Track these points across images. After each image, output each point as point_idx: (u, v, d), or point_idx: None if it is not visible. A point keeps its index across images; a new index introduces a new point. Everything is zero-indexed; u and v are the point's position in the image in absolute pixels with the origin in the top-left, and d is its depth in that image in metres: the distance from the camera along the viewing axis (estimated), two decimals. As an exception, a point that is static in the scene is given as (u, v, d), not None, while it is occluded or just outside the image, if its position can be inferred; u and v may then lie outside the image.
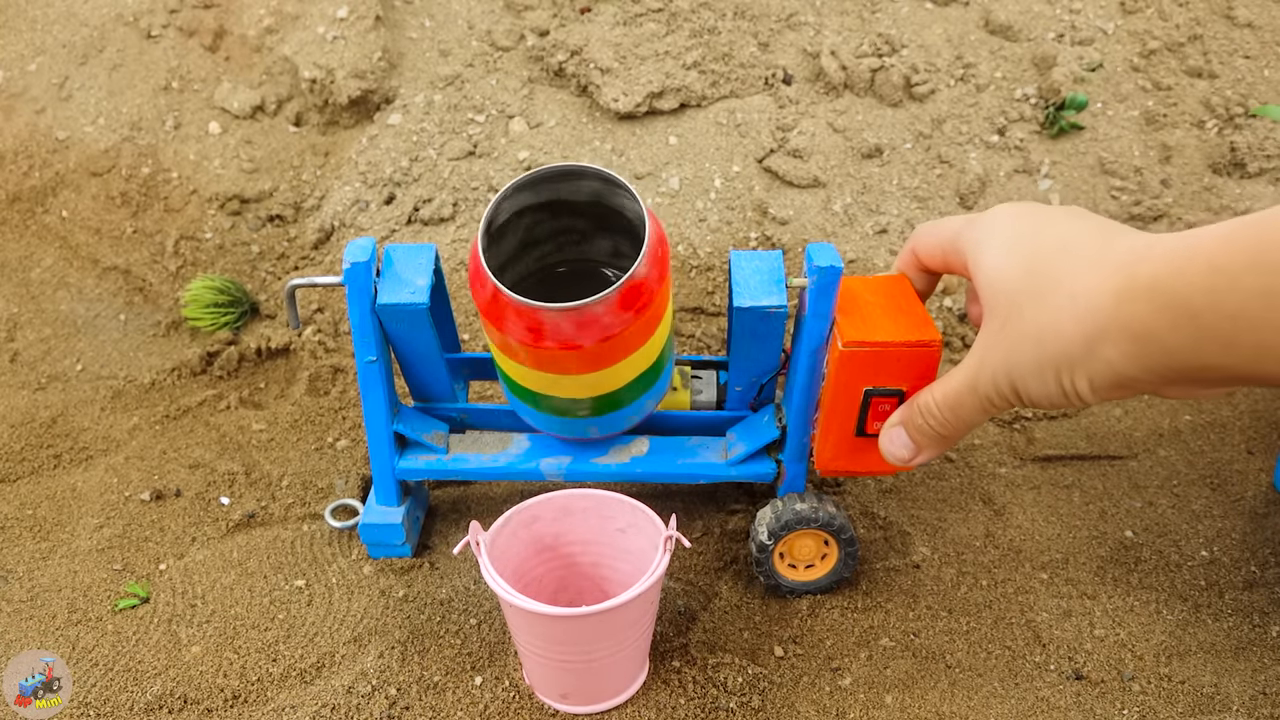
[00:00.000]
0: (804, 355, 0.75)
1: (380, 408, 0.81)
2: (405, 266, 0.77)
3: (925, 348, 0.70)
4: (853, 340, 0.70)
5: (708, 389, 0.86)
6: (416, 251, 0.78)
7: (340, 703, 0.78)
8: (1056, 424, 1.04)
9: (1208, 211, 1.15)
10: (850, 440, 0.76)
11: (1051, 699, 0.78)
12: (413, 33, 1.31)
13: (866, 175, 1.19)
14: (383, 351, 0.78)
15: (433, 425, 0.86)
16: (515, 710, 0.78)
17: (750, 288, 0.74)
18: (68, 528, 0.94)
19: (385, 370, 0.80)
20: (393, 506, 0.87)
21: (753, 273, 0.75)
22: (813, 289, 0.72)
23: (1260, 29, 1.22)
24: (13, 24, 1.35)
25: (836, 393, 0.73)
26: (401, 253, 0.78)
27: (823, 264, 0.71)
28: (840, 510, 0.82)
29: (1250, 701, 0.78)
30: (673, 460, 0.85)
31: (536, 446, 0.87)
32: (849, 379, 0.72)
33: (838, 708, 0.78)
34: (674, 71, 1.22)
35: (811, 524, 0.81)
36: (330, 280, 0.70)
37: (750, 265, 0.76)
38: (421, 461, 0.85)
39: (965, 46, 1.24)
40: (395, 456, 0.85)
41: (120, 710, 0.78)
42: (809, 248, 0.74)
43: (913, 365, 0.71)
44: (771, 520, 0.82)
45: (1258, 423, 1.04)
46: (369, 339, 0.76)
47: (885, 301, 0.74)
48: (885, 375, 0.72)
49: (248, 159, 1.28)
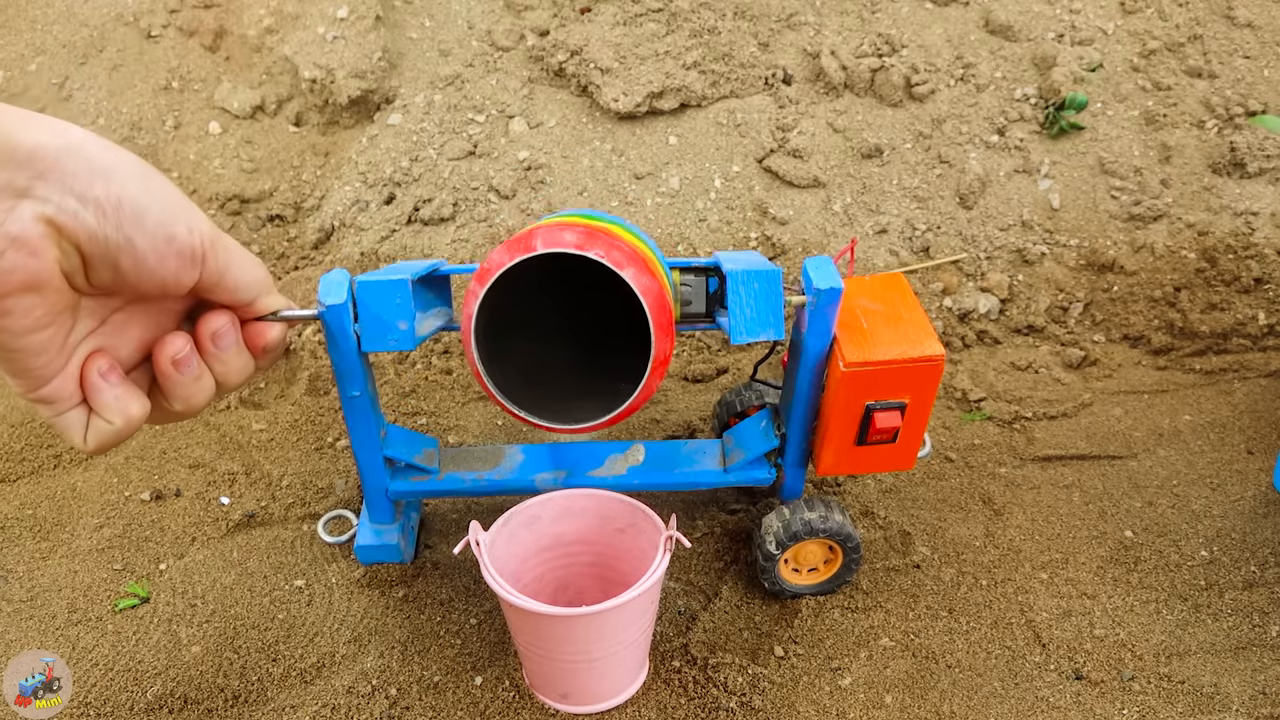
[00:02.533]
0: (803, 371, 0.74)
1: (368, 436, 0.78)
2: (383, 307, 0.71)
3: (929, 363, 0.69)
4: (855, 361, 0.69)
5: (697, 299, 0.80)
6: (390, 290, 0.70)
7: (340, 703, 0.78)
8: (1056, 424, 1.04)
9: (1208, 211, 1.15)
10: (851, 449, 0.75)
11: (1051, 699, 0.78)
12: (413, 33, 1.31)
13: (866, 175, 1.19)
14: (366, 384, 0.75)
15: (421, 444, 0.83)
16: (515, 710, 0.78)
17: (746, 319, 0.70)
18: (68, 528, 0.94)
19: (370, 400, 0.76)
20: (387, 524, 0.86)
21: (748, 299, 0.70)
22: (811, 310, 0.70)
23: (1260, 29, 1.22)
24: (13, 24, 1.35)
25: (838, 407, 0.72)
26: (374, 291, 0.70)
27: (822, 286, 0.68)
28: (847, 517, 0.82)
29: (1250, 701, 0.78)
30: (670, 471, 0.83)
31: (530, 461, 0.85)
32: (851, 396, 0.71)
33: (838, 708, 0.78)
34: (674, 71, 1.22)
35: (820, 534, 0.81)
36: (305, 314, 0.66)
37: (747, 290, 0.70)
38: (414, 482, 0.83)
39: (965, 46, 1.24)
40: (387, 479, 0.83)
41: (120, 710, 0.78)
42: (806, 265, 0.71)
43: (916, 379, 0.70)
44: (779, 530, 0.81)
45: (1258, 423, 1.04)
46: (352, 375, 0.73)
47: (886, 309, 0.73)
48: (887, 390, 0.71)
49: (248, 159, 1.28)
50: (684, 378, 1.09)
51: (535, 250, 0.64)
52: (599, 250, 0.64)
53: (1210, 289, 1.13)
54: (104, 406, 0.50)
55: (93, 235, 0.46)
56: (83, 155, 0.45)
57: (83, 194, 0.45)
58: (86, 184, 0.45)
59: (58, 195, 0.44)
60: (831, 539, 0.81)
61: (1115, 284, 1.14)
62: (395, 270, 0.74)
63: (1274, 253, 1.12)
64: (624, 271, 0.63)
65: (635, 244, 0.70)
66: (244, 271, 0.53)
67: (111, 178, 0.46)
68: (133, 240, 0.47)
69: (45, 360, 0.47)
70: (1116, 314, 1.13)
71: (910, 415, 0.73)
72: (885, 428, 0.72)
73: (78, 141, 0.45)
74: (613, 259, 0.64)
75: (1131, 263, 1.14)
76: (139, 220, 0.47)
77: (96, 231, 0.46)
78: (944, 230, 1.16)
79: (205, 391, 0.53)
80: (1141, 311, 1.13)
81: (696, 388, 1.08)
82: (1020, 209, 1.16)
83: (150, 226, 0.47)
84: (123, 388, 0.50)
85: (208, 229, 0.50)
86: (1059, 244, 1.15)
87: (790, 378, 0.77)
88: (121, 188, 0.46)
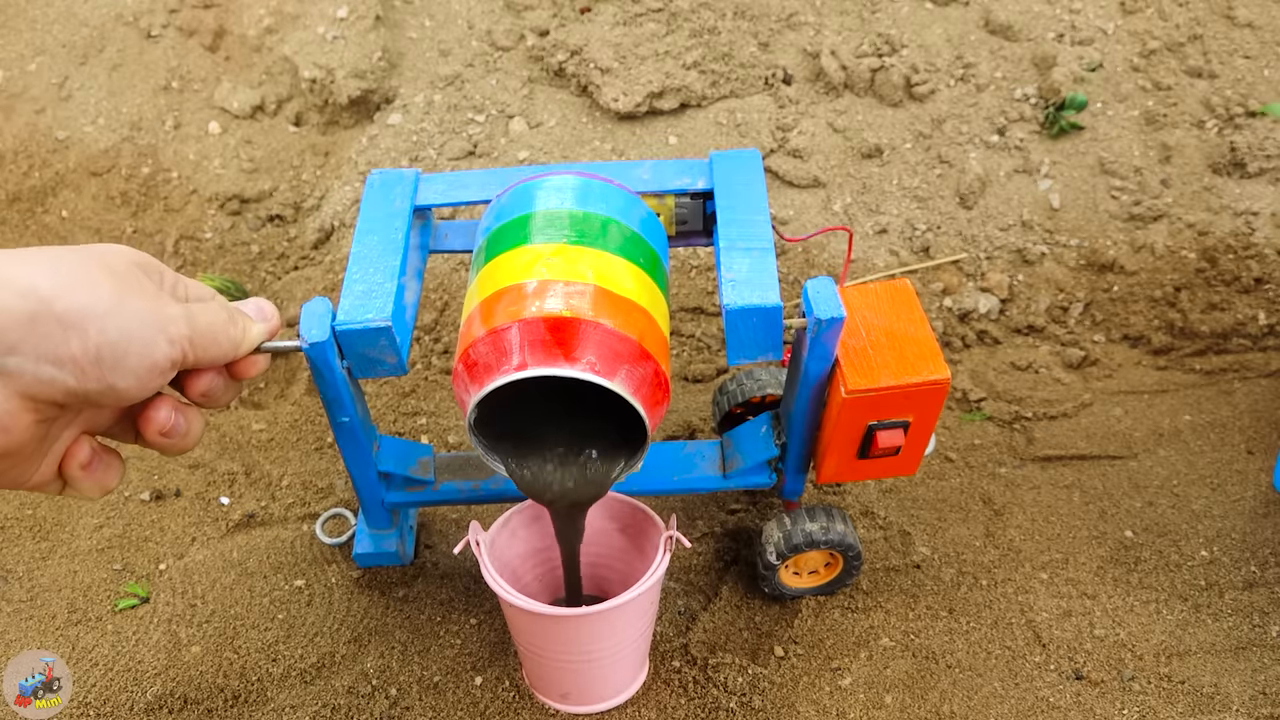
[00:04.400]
0: (803, 390, 0.71)
1: (361, 455, 0.76)
2: (368, 346, 0.67)
3: (934, 386, 0.67)
4: (858, 389, 0.67)
5: (693, 219, 0.78)
6: (373, 334, 0.66)
7: (340, 703, 0.78)
8: (1056, 424, 1.04)
9: (1208, 211, 1.15)
10: (852, 461, 0.74)
11: (1051, 699, 0.78)
12: (413, 33, 1.31)
13: (866, 175, 1.19)
14: (355, 409, 0.72)
15: (416, 454, 0.81)
16: (515, 710, 0.78)
17: (744, 344, 0.67)
18: (68, 528, 0.94)
19: (360, 422, 0.73)
20: (385, 529, 0.85)
21: (747, 333, 0.67)
22: (813, 337, 0.67)
23: (1260, 29, 1.22)
24: (13, 24, 1.35)
25: (840, 427, 0.71)
26: (356, 337, 0.66)
27: (824, 316, 0.65)
28: (849, 526, 0.81)
29: (1250, 701, 0.78)
30: (669, 476, 0.82)
31: None
32: (853, 419, 0.70)
33: (838, 708, 0.78)
34: (674, 71, 1.22)
35: (822, 546, 0.80)
36: (289, 345, 0.64)
37: (745, 325, 0.66)
38: (410, 493, 0.82)
39: (965, 46, 1.24)
40: (383, 491, 0.81)
41: (120, 710, 0.78)
42: (807, 289, 0.66)
43: (920, 401, 0.69)
44: (780, 541, 0.80)
45: (1258, 423, 1.04)
46: (339, 403, 0.70)
47: (889, 325, 0.70)
48: (891, 411, 0.69)
49: (248, 159, 1.28)
50: (684, 378, 1.09)
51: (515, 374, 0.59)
52: (589, 358, 0.59)
53: (1210, 289, 1.13)
54: (84, 490, 0.50)
55: (71, 392, 0.44)
56: (54, 314, 0.43)
57: (58, 357, 0.43)
58: (61, 344, 0.43)
59: (32, 365, 0.42)
60: (833, 550, 0.81)
61: (1115, 284, 1.14)
62: (373, 287, 0.68)
63: (1274, 253, 1.12)
64: (613, 381, 0.59)
65: (626, 297, 0.63)
66: (225, 339, 0.53)
67: (87, 328, 0.44)
68: (115, 385, 0.46)
69: (22, 471, 0.47)
70: (1116, 314, 1.13)
71: (914, 431, 0.71)
72: (888, 445, 0.71)
73: (47, 297, 0.42)
74: (603, 356, 0.59)
75: (1131, 263, 1.14)
76: (119, 364, 0.45)
77: (76, 388, 0.44)
78: (944, 230, 1.16)
79: (195, 435, 0.54)
80: (1141, 311, 1.13)
81: (696, 388, 1.08)
82: (1020, 209, 1.16)
83: (132, 364, 0.46)
84: (100, 471, 0.50)
85: (184, 326, 0.49)
86: (1059, 244, 1.15)
87: (790, 391, 0.75)
88: (100, 335, 0.44)
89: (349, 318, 0.65)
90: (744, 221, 0.71)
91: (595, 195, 0.69)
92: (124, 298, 0.46)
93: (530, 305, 0.60)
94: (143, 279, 0.48)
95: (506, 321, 0.60)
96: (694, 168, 0.76)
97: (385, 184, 0.76)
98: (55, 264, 0.44)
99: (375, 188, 0.76)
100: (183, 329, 0.49)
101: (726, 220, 0.71)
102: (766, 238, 0.69)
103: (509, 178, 0.75)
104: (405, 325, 0.71)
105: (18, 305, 0.42)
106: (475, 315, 0.63)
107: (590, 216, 0.67)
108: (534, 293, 0.61)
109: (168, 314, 0.48)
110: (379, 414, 1.06)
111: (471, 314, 0.64)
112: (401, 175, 0.76)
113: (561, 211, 0.67)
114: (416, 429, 1.04)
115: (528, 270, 0.63)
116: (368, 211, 0.74)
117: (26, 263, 0.43)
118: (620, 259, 0.65)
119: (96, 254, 0.46)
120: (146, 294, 0.47)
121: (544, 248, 0.64)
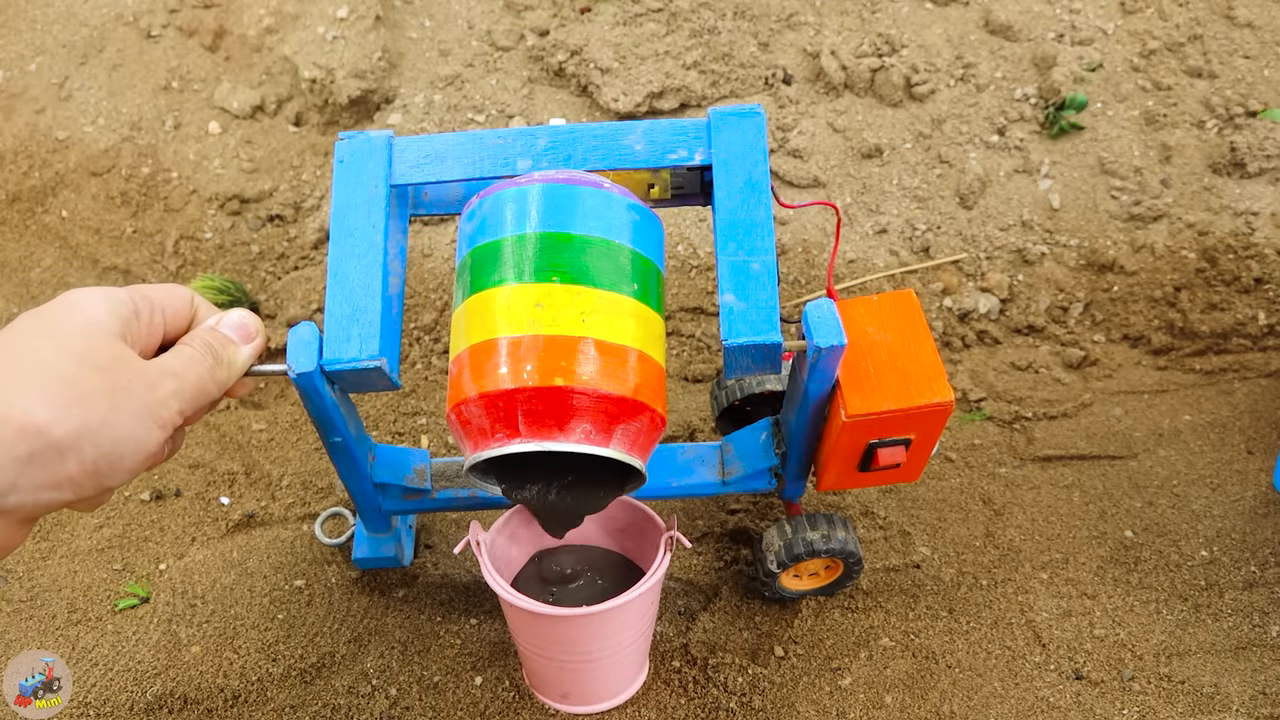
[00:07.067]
0: (802, 408, 0.70)
1: (355, 470, 0.75)
2: (359, 379, 0.65)
3: (936, 408, 0.67)
4: (858, 413, 0.66)
5: (690, 184, 0.76)
6: (362, 373, 0.64)
7: (340, 703, 0.78)
8: (1056, 424, 1.04)
9: (1208, 211, 1.15)
10: (853, 473, 0.74)
11: (1051, 699, 0.78)
12: (413, 33, 1.31)
13: (866, 175, 1.19)
14: (347, 429, 0.70)
15: (411, 461, 0.79)
16: (515, 710, 0.78)
17: (742, 368, 0.67)
18: (67, 528, 0.94)
19: (353, 440, 0.72)
20: (383, 533, 0.85)
21: (744, 358, 0.66)
22: (812, 363, 0.65)
23: (1260, 29, 1.22)
24: (13, 24, 1.35)
25: (840, 445, 0.70)
26: (346, 374, 0.64)
27: (824, 345, 0.63)
28: (850, 533, 0.80)
29: (1250, 701, 0.78)
30: (667, 481, 0.80)
31: None
32: (853, 439, 0.69)
33: (838, 708, 0.78)
34: (674, 71, 1.22)
35: (823, 555, 0.79)
36: (277, 369, 0.60)
37: (744, 355, 0.65)
38: (407, 500, 0.81)
39: (965, 46, 1.24)
40: (380, 499, 0.80)
41: (120, 710, 0.78)
42: (807, 314, 0.64)
43: (922, 421, 0.68)
44: (780, 549, 0.79)
45: (1258, 423, 1.04)
46: (330, 425, 0.68)
47: (891, 342, 0.69)
48: (892, 430, 0.68)
49: (248, 159, 1.28)
50: (684, 378, 1.09)
51: (509, 445, 0.59)
52: (584, 426, 0.59)
53: (1210, 289, 1.13)
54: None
55: (71, 502, 0.46)
56: (52, 442, 0.43)
57: (56, 481, 0.44)
58: (59, 469, 0.44)
59: (31, 496, 0.43)
60: (834, 558, 0.81)
61: (1115, 284, 1.14)
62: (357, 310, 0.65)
63: (1274, 253, 1.12)
64: (609, 446, 0.59)
65: (621, 345, 0.61)
66: (214, 386, 0.54)
67: (83, 446, 0.44)
68: (110, 486, 0.47)
69: None
70: (1116, 314, 1.13)
71: (915, 447, 0.71)
72: (889, 462, 0.70)
73: (44, 426, 0.43)
74: (597, 421, 0.59)
75: (1131, 263, 1.14)
76: (115, 468, 0.46)
77: (74, 499, 0.46)
78: (944, 230, 1.16)
79: (179, 447, 0.57)
80: (1141, 311, 1.13)
81: (696, 388, 1.08)
82: (1020, 209, 1.16)
83: (127, 464, 0.46)
84: None
85: (175, 402, 0.49)
86: (1059, 244, 1.15)
87: (790, 405, 0.74)
88: (95, 449, 0.44)
89: (336, 355, 0.63)
90: (745, 222, 0.68)
91: (584, 212, 0.64)
92: (116, 402, 0.45)
93: (523, 369, 0.59)
94: (128, 357, 0.47)
95: (496, 388, 0.59)
96: (691, 134, 0.70)
97: (356, 157, 0.69)
98: (45, 380, 0.43)
99: (345, 165, 0.69)
100: (173, 407, 0.49)
101: (726, 220, 0.68)
102: (769, 243, 0.67)
103: (487, 143, 0.70)
104: (394, 338, 0.68)
105: (20, 447, 0.42)
106: (465, 362, 0.61)
107: (578, 243, 0.63)
108: (525, 353, 0.59)
109: (157, 398, 0.48)
110: (379, 414, 1.06)
111: (461, 355, 0.62)
112: (372, 144, 0.69)
113: (549, 236, 0.63)
114: (417, 429, 1.04)
115: (519, 321, 0.60)
116: (341, 199, 0.68)
117: (21, 388, 0.43)
118: (613, 295, 0.62)
119: (82, 348, 0.45)
120: (135, 382, 0.47)
121: (534, 289, 0.61)
